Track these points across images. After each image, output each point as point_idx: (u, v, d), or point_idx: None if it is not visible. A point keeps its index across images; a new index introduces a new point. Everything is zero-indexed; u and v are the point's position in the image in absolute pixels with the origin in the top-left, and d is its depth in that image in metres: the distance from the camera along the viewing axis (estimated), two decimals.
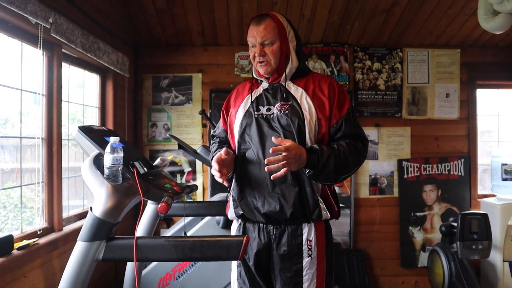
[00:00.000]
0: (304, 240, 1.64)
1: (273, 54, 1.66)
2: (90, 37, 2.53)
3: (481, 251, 3.09)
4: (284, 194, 1.61)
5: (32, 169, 2.29)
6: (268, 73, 1.71)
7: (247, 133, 1.69)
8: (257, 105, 1.72)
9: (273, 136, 1.58)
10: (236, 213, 1.72)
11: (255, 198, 1.65)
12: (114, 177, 1.51)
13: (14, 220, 2.26)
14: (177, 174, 3.76)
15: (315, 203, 1.63)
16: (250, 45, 1.70)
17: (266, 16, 1.68)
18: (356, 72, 3.81)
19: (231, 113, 1.79)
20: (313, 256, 1.64)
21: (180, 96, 3.78)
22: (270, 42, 1.65)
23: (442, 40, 3.74)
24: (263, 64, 1.68)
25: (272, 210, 1.62)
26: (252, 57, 1.71)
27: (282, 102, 1.68)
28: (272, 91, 1.73)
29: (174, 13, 3.33)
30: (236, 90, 1.85)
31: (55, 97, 2.32)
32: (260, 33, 1.65)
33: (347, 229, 3.82)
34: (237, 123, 1.73)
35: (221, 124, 1.88)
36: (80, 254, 1.40)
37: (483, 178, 3.99)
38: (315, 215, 1.63)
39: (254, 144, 1.66)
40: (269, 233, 1.67)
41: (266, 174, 1.60)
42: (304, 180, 1.63)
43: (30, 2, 1.87)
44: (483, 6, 2.56)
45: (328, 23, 3.49)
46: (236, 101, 1.80)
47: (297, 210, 1.61)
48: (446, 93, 3.82)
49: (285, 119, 1.64)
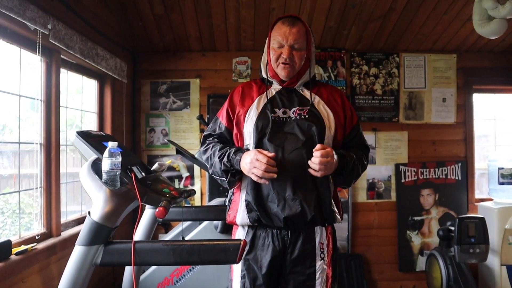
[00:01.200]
0: (317, 243, 1.65)
1: (300, 59, 1.65)
2: (88, 43, 2.55)
3: (479, 255, 3.09)
4: (306, 198, 1.60)
5: (30, 175, 2.29)
6: (287, 76, 1.69)
7: (264, 135, 1.64)
8: (271, 106, 1.68)
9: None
10: (250, 219, 1.65)
11: (273, 202, 1.61)
12: (112, 181, 1.52)
13: (12, 226, 2.26)
14: (175, 179, 3.76)
15: (331, 206, 1.66)
16: (277, 44, 1.65)
17: (298, 20, 1.67)
18: (353, 77, 3.83)
19: (238, 112, 1.72)
20: (325, 259, 1.66)
21: (178, 102, 3.79)
22: (300, 47, 1.64)
23: (438, 45, 3.77)
24: (287, 66, 1.65)
25: (293, 214, 1.59)
26: (276, 57, 1.66)
27: (300, 106, 1.67)
28: (287, 95, 1.71)
29: (172, 19, 3.35)
30: (240, 90, 1.77)
31: (54, 103, 2.33)
32: (294, 35, 1.62)
33: (345, 233, 3.82)
34: (249, 125, 1.67)
35: (225, 123, 1.76)
36: (78, 258, 1.41)
37: (480, 182, 4.00)
38: (331, 219, 1.66)
39: (271, 147, 1.61)
40: (283, 239, 1.65)
41: (287, 178, 1.58)
42: (322, 184, 1.63)
43: (29, 8, 1.89)
44: (477, 12, 2.58)
45: (325, 28, 3.52)
46: (243, 101, 1.73)
47: (316, 214, 1.62)
48: (442, 97, 3.84)
49: (306, 124, 1.63)
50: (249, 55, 3.79)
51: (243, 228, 1.71)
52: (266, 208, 1.63)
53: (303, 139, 1.60)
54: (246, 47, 3.74)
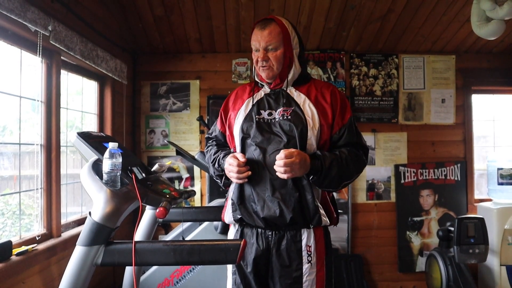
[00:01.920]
0: (303, 246, 1.63)
1: (276, 59, 1.65)
2: (88, 45, 2.56)
3: (478, 255, 3.10)
4: (285, 199, 1.60)
5: (30, 176, 2.30)
6: (269, 78, 1.70)
7: (248, 137, 1.67)
8: (258, 109, 1.70)
9: (273, 142, 1.61)
10: (234, 217, 1.69)
11: (254, 202, 1.63)
12: (112, 182, 1.53)
13: (12, 227, 2.26)
14: (175, 180, 3.77)
15: (315, 208, 1.62)
16: (254, 49, 1.69)
17: (271, 20, 1.67)
18: (352, 78, 3.84)
19: (230, 115, 1.77)
20: (312, 262, 1.63)
21: (178, 103, 3.80)
22: (274, 48, 1.65)
23: (437, 46, 3.78)
24: (265, 69, 1.67)
25: (272, 215, 1.60)
26: (255, 61, 1.70)
27: (284, 107, 1.67)
28: (274, 96, 1.72)
29: (172, 21, 3.36)
30: (235, 93, 1.83)
31: (54, 104, 2.34)
32: (265, 38, 1.64)
33: (345, 234, 3.83)
34: (237, 126, 1.71)
35: (219, 126, 1.85)
36: (79, 258, 1.41)
37: (480, 183, 4.01)
38: (315, 221, 1.62)
39: (254, 148, 1.64)
40: (267, 239, 1.65)
41: (266, 178, 1.61)
42: (305, 186, 1.62)
43: (30, 10, 1.90)
44: (476, 13, 2.60)
45: (324, 30, 3.53)
46: (235, 104, 1.77)
47: (297, 215, 1.60)
48: (442, 98, 3.86)
49: (288, 124, 1.63)
50: (249, 56, 3.79)
51: (234, 226, 1.75)
52: (247, 207, 1.66)
53: (285, 140, 1.61)
54: (245, 48, 3.75)
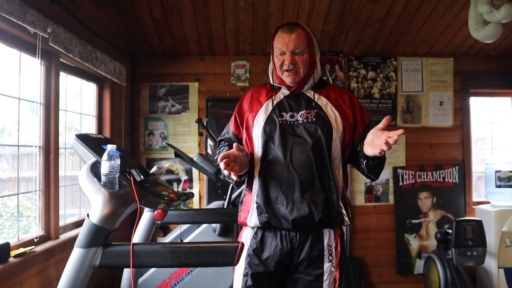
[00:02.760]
0: (325, 245, 1.66)
1: (303, 63, 1.68)
2: (87, 47, 2.57)
3: (476, 258, 3.11)
4: (314, 200, 1.62)
5: (29, 178, 2.30)
6: (294, 82, 1.72)
7: (272, 139, 1.67)
8: (279, 111, 1.71)
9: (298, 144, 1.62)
10: (260, 220, 1.67)
11: (282, 205, 1.63)
12: (111, 184, 1.53)
13: (11, 229, 2.26)
14: (174, 182, 3.77)
15: (339, 209, 1.66)
16: (279, 52, 1.69)
17: (297, 25, 1.70)
18: (351, 80, 3.85)
19: (247, 118, 1.76)
20: (333, 262, 1.66)
21: (176, 105, 3.81)
22: (301, 52, 1.67)
23: (435, 49, 3.80)
24: (291, 73, 1.68)
25: (302, 216, 1.61)
26: (280, 65, 1.70)
27: (307, 109, 1.70)
28: (295, 99, 1.74)
29: (171, 23, 3.37)
30: (249, 95, 1.82)
31: (53, 106, 2.34)
32: (293, 41, 1.65)
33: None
34: (258, 129, 1.71)
35: (232, 128, 1.83)
36: (76, 260, 1.41)
37: (478, 185, 4.02)
38: (338, 221, 1.66)
39: (280, 151, 1.65)
40: (292, 240, 1.67)
41: (294, 179, 1.62)
42: (331, 186, 1.65)
43: (29, 12, 1.90)
44: (473, 16, 2.61)
45: (323, 32, 3.54)
46: (252, 105, 1.77)
47: (324, 216, 1.63)
48: (440, 101, 3.87)
49: (313, 127, 1.66)
50: (248, 59, 3.81)
51: (252, 229, 1.73)
52: (274, 210, 1.65)
53: (311, 142, 1.63)
54: (244, 51, 3.76)
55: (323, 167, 1.65)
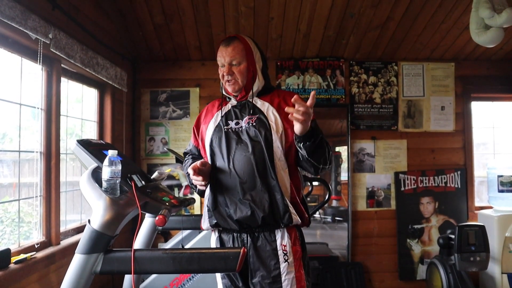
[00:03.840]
0: (278, 245, 1.70)
1: (240, 73, 1.77)
2: (89, 52, 2.57)
3: (479, 263, 3.08)
4: (255, 200, 1.68)
5: (30, 184, 2.29)
6: (235, 91, 1.81)
7: (217, 146, 1.78)
8: (226, 120, 1.82)
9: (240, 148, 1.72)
10: (210, 223, 1.77)
11: (227, 206, 1.72)
12: (112, 190, 1.52)
13: (11, 235, 2.25)
14: (175, 188, 3.76)
15: (285, 208, 1.69)
16: (220, 64, 1.81)
17: (234, 38, 1.80)
18: (352, 85, 3.85)
19: (201, 129, 1.89)
20: (289, 261, 1.69)
21: (177, 110, 3.81)
22: (238, 63, 1.77)
23: (436, 53, 3.80)
24: (231, 83, 1.78)
25: (244, 216, 1.68)
26: (221, 76, 1.81)
27: (250, 115, 1.79)
28: (240, 107, 1.83)
29: (172, 29, 3.38)
30: (206, 109, 1.95)
31: (54, 112, 2.34)
32: (229, 53, 1.76)
33: (345, 242, 3.82)
34: (207, 138, 1.82)
35: (193, 141, 1.97)
36: (77, 266, 1.40)
37: (480, 190, 4.00)
38: (286, 220, 1.69)
39: (223, 155, 1.75)
40: (243, 241, 1.73)
41: (236, 182, 1.70)
42: (274, 186, 1.70)
43: (31, 18, 1.91)
44: (474, 21, 2.61)
45: (323, 37, 3.55)
46: (206, 118, 1.89)
47: (268, 215, 1.68)
48: (441, 105, 3.87)
49: (253, 131, 1.75)
50: None
51: (214, 233, 1.83)
52: (221, 212, 1.74)
53: (252, 145, 1.72)
54: None
55: (265, 168, 1.71)
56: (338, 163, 5.52)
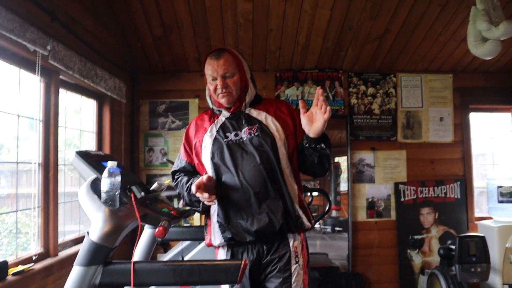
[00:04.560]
0: (291, 247, 1.72)
1: (234, 85, 1.74)
2: (87, 64, 2.57)
3: (480, 274, 3.06)
4: (271, 209, 1.68)
5: (27, 195, 2.27)
6: (230, 103, 1.77)
7: (220, 159, 1.74)
8: (223, 132, 1.78)
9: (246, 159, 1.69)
10: (224, 238, 1.73)
11: (242, 219, 1.69)
12: (111, 201, 1.51)
13: (9, 246, 2.23)
14: (174, 198, 3.73)
15: (296, 213, 1.72)
16: (210, 78, 1.76)
17: (223, 50, 1.77)
18: (351, 97, 3.87)
19: (195, 144, 1.83)
20: (300, 263, 1.72)
21: (176, 121, 3.80)
22: (231, 74, 1.74)
23: (434, 65, 3.82)
24: (225, 95, 1.74)
25: (262, 226, 1.66)
26: (213, 90, 1.77)
27: (248, 126, 1.77)
28: (235, 119, 1.80)
29: (171, 41, 3.39)
30: (193, 124, 1.90)
31: (52, 123, 2.34)
32: (222, 66, 1.72)
33: (345, 252, 3.79)
34: (206, 152, 1.77)
35: (185, 158, 1.90)
36: (76, 278, 1.38)
37: (480, 201, 3.99)
38: (298, 225, 1.72)
39: (229, 168, 1.71)
40: (258, 251, 1.72)
41: (249, 193, 1.67)
42: (285, 193, 1.71)
43: (29, 30, 1.91)
44: (472, 33, 2.63)
45: (322, 49, 3.57)
46: (198, 133, 1.84)
47: (284, 222, 1.68)
48: (440, 117, 3.88)
49: (257, 140, 1.72)
50: None
51: (223, 248, 1.78)
52: (236, 225, 1.70)
53: (259, 155, 1.70)
54: None
55: (275, 177, 1.70)
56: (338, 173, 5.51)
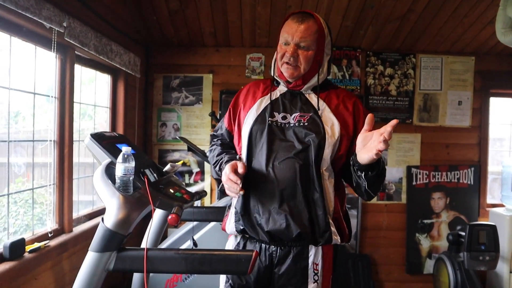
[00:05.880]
0: (310, 263, 1.50)
1: (306, 59, 1.50)
2: (103, 39, 2.54)
3: (488, 263, 3.07)
4: (292, 212, 1.46)
5: (43, 164, 2.28)
6: (292, 78, 1.55)
7: (257, 141, 1.53)
8: (271, 110, 1.56)
9: (284, 148, 1.48)
10: (236, 228, 1.56)
11: (258, 214, 1.50)
12: (125, 187, 1.52)
13: (25, 216, 2.28)
14: (186, 174, 3.77)
15: (326, 225, 1.48)
16: (283, 41, 1.52)
17: (310, 16, 1.52)
18: (367, 77, 3.78)
19: (239, 113, 1.63)
20: (319, 282, 1.50)
21: (190, 97, 3.78)
22: (307, 46, 1.49)
23: (456, 47, 3.69)
24: (290, 67, 1.52)
25: (277, 229, 1.47)
26: (281, 55, 1.53)
27: (301, 112, 1.54)
28: (291, 98, 1.58)
29: (186, 15, 3.32)
30: (246, 89, 1.68)
31: (68, 100, 2.34)
32: (300, 32, 1.47)
33: (353, 230, 3.79)
34: (246, 127, 1.56)
35: (226, 123, 1.70)
36: (91, 264, 1.42)
37: (493, 187, 3.95)
38: (325, 239, 1.49)
39: (263, 154, 1.50)
40: (271, 255, 1.53)
41: (274, 187, 1.47)
42: (316, 200, 1.48)
43: (45, 8, 1.88)
44: (501, 20, 2.50)
45: (341, 27, 3.46)
46: (246, 100, 1.63)
47: (305, 231, 1.47)
48: (458, 100, 3.78)
49: (304, 132, 1.50)
50: (263, 51, 3.75)
51: (235, 238, 1.62)
52: (251, 218, 1.52)
53: (298, 148, 1.48)
54: (260, 43, 3.70)
55: (308, 177, 1.48)
56: None
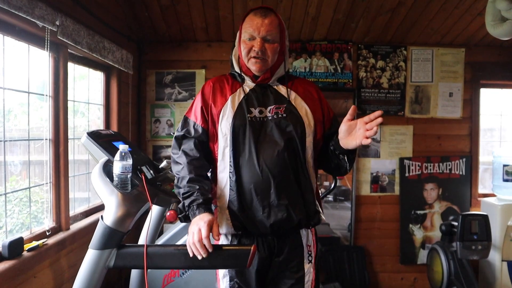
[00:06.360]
0: (304, 245, 1.60)
1: (273, 52, 1.55)
2: (95, 37, 2.53)
3: (481, 252, 3.13)
4: (290, 202, 1.52)
5: (38, 162, 2.28)
6: (260, 71, 1.58)
7: (240, 138, 1.53)
8: (247, 106, 1.56)
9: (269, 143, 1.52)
10: (235, 227, 1.55)
11: (258, 210, 1.52)
12: (123, 184, 1.54)
13: (20, 215, 2.28)
14: None
15: (315, 208, 1.60)
16: (247, 36, 1.54)
17: (271, 11, 1.57)
18: (359, 70, 3.81)
19: (211, 111, 1.58)
20: (312, 262, 1.61)
21: (183, 92, 3.78)
22: (272, 40, 1.54)
23: (447, 39, 3.73)
24: (259, 60, 1.54)
25: (280, 219, 1.51)
26: (247, 51, 1.54)
27: (276, 104, 1.57)
28: (261, 92, 1.60)
29: (178, 10, 3.31)
30: (210, 86, 1.62)
31: (62, 98, 2.33)
32: (266, 26, 1.51)
33: (346, 222, 3.86)
34: (225, 124, 1.54)
35: (200, 123, 1.58)
36: (91, 262, 1.44)
37: (484, 177, 4.01)
38: (315, 220, 1.61)
39: (251, 152, 1.51)
40: (270, 245, 1.57)
41: (270, 182, 1.49)
42: (306, 185, 1.56)
43: (38, 7, 1.87)
44: (491, 12, 2.53)
45: (332, 21, 3.48)
46: (215, 98, 1.59)
47: (303, 217, 1.55)
48: (449, 92, 3.82)
49: (284, 123, 1.54)
50: None
51: (226, 237, 1.60)
52: (250, 216, 1.53)
53: (284, 141, 1.52)
54: None
55: (297, 167, 1.54)
56: None
